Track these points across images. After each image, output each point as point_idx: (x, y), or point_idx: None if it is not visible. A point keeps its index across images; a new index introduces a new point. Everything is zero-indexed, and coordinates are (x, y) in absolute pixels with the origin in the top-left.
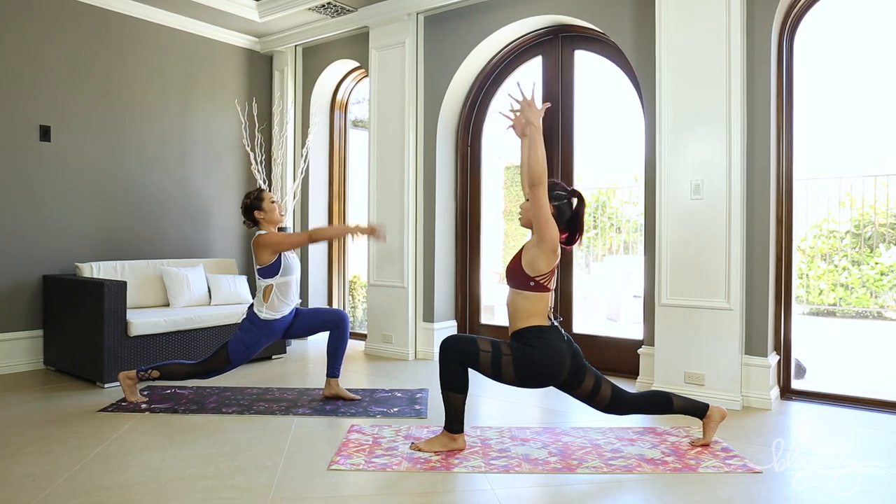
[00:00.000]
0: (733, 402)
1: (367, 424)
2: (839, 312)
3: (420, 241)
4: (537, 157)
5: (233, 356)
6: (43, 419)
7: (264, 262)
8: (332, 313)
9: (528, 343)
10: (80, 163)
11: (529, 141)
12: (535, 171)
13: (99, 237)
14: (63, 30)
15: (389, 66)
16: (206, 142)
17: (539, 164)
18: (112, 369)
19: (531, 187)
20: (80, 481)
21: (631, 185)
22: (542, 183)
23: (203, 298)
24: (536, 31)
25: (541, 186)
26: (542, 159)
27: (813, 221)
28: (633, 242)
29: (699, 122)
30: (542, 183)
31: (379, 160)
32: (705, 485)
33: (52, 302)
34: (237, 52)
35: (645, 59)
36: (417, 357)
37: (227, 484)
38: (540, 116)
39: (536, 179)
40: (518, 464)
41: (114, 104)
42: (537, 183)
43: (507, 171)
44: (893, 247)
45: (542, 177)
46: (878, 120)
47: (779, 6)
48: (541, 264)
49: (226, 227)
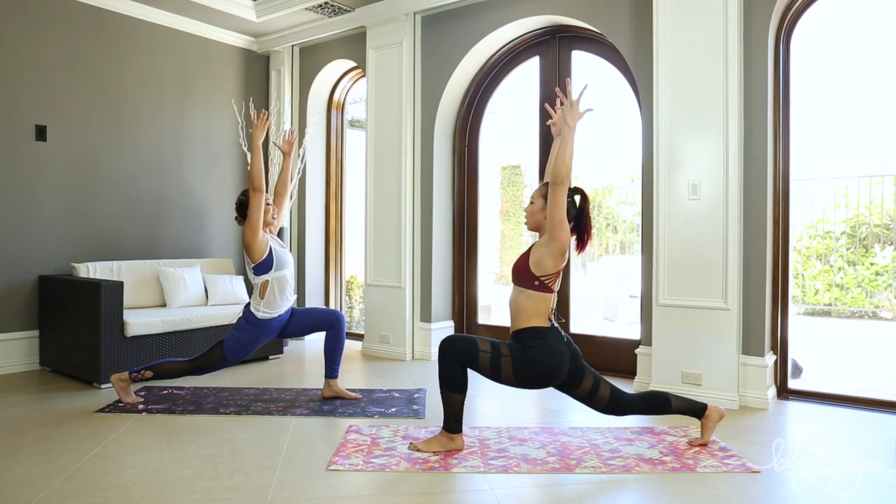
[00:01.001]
0: (730, 402)
1: (366, 425)
2: (834, 312)
3: (417, 241)
4: (564, 157)
5: (228, 354)
6: (40, 420)
7: (256, 258)
8: (327, 313)
9: (527, 344)
10: (77, 162)
11: (562, 140)
12: (560, 171)
13: (95, 237)
14: (59, 29)
15: (387, 66)
16: (202, 141)
17: (565, 164)
18: (109, 370)
19: (552, 186)
20: (78, 482)
21: (627, 185)
22: (564, 184)
23: (200, 299)
24: (534, 32)
25: (562, 186)
26: (569, 160)
27: (809, 222)
28: (629, 242)
29: (697, 122)
30: (564, 184)
31: (376, 160)
32: (704, 484)
33: (48, 302)
34: (234, 51)
35: (642, 60)
36: (415, 357)
37: (225, 485)
38: (578, 119)
39: (559, 179)
40: (517, 464)
41: (110, 104)
42: (559, 182)
43: (503, 172)
44: (888, 247)
45: (565, 178)
46: (873, 121)
47: (775, 7)
48: (548, 265)
49: (222, 228)
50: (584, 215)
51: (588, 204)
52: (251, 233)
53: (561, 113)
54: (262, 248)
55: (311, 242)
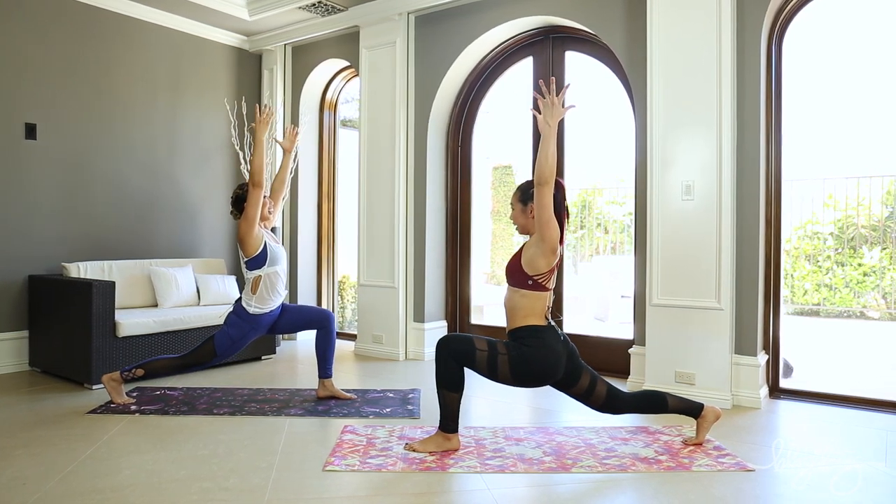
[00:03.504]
0: (723, 401)
1: (361, 425)
2: (823, 312)
3: (411, 241)
4: (546, 156)
5: (219, 350)
6: (31, 421)
7: (250, 252)
8: (318, 312)
9: (524, 342)
10: (67, 161)
11: (543, 140)
12: (543, 171)
13: (86, 236)
14: (50, 26)
15: (380, 65)
16: (194, 140)
17: (548, 164)
18: (100, 370)
19: (537, 186)
20: (72, 484)
21: (617, 185)
22: (549, 183)
23: (192, 299)
24: (528, 32)
25: (546, 186)
26: (551, 160)
27: (797, 222)
28: (619, 243)
29: (690, 122)
30: (549, 183)
31: (370, 160)
32: (699, 483)
33: (37, 302)
34: (226, 50)
35: (636, 61)
36: (408, 357)
37: (221, 486)
38: (558, 117)
39: (543, 179)
40: (513, 464)
41: (101, 102)
42: (543, 182)
43: (495, 172)
44: (876, 248)
45: (549, 177)
46: (861, 122)
47: (768, 9)
48: (540, 263)
49: (215, 227)
50: (560, 205)
51: (562, 192)
52: (247, 227)
53: (542, 112)
54: (256, 243)
55: (304, 242)
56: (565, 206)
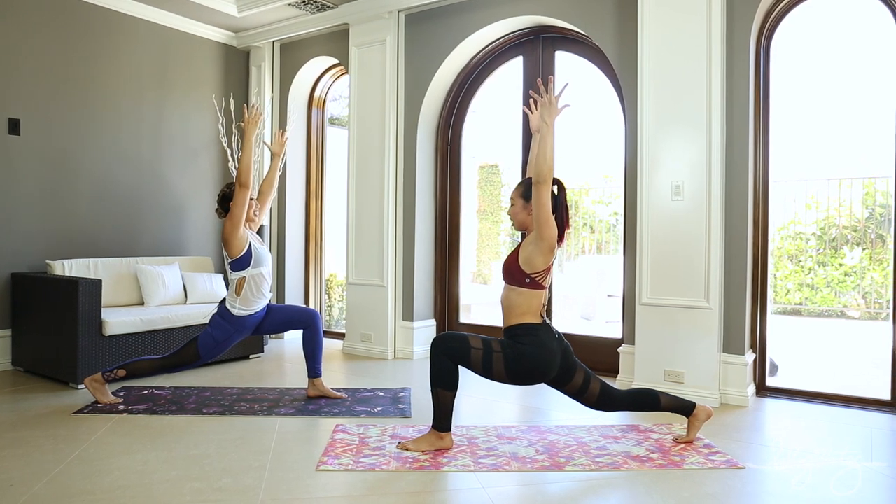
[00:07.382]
0: (712, 400)
1: (352, 424)
2: (805, 311)
3: (400, 239)
4: (545, 155)
5: (202, 351)
6: (15, 421)
7: (234, 253)
8: (303, 312)
9: (519, 340)
10: (51, 157)
11: (541, 138)
12: (542, 169)
13: (70, 234)
14: (34, 19)
15: (370, 63)
16: (181, 137)
17: (547, 162)
18: (86, 370)
19: (536, 184)
20: (60, 485)
21: (603, 184)
22: (548, 182)
23: (179, 297)
24: (518, 32)
25: (545, 185)
26: (549, 158)
27: (780, 223)
28: (605, 242)
29: (680, 123)
30: (548, 182)
31: (359, 158)
32: (691, 481)
33: (21, 301)
34: (214, 46)
35: (627, 62)
36: (397, 356)
37: (214, 486)
38: (556, 116)
39: (542, 177)
40: (506, 462)
41: (86, 97)
42: (542, 181)
43: (481, 171)
44: (857, 248)
45: (548, 175)
46: (843, 124)
47: (757, 12)
48: (538, 262)
49: (201, 225)
50: (561, 205)
51: (564, 193)
52: (232, 227)
53: (539, 110)
54: (241, 244)
55: (291, 240)
56: (566, 205)
